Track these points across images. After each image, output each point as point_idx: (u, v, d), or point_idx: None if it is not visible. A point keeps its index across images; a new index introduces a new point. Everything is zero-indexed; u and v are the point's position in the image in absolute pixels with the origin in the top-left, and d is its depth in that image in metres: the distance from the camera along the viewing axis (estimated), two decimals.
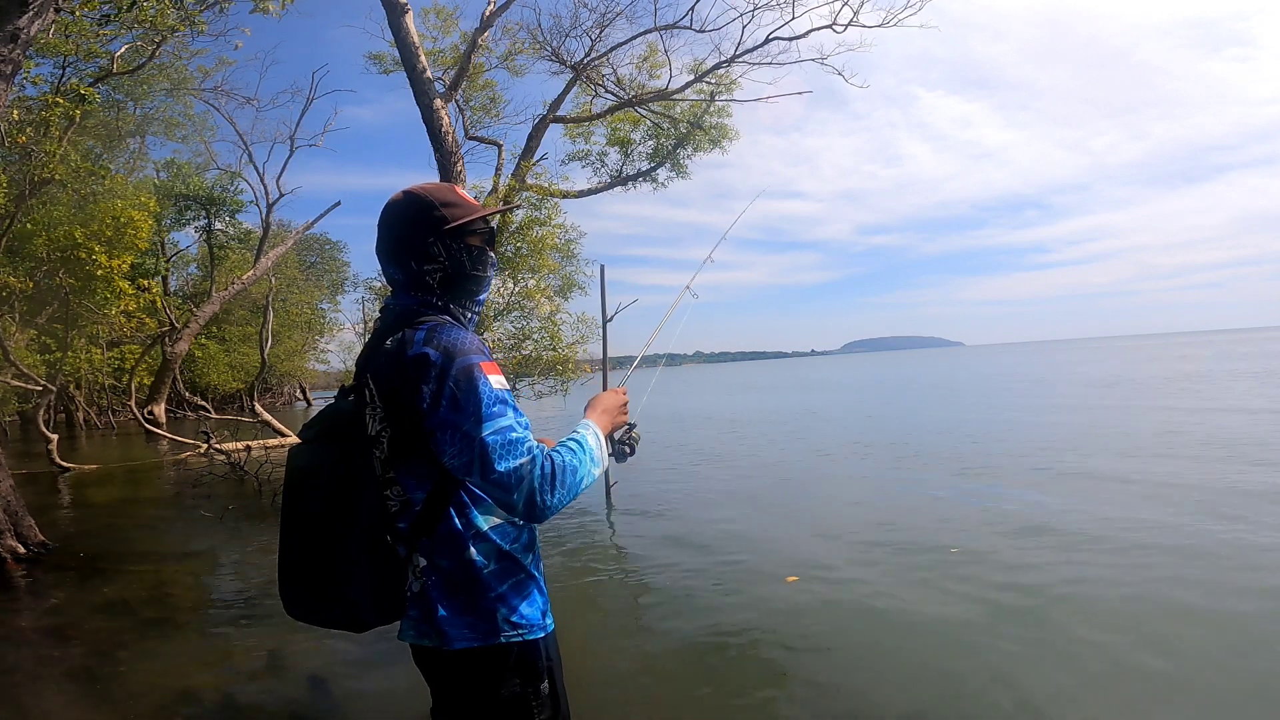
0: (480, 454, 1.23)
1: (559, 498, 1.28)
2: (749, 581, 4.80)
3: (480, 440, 1.24)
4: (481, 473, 1.24)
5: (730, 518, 6.92)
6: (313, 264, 38.04)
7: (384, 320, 1.42)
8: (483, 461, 1.23)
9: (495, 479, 1.24)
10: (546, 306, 10.98)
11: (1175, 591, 4.15)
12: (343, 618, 1.34)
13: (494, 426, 1.25)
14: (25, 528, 6.08)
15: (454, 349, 1.29)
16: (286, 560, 1.37)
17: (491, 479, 1.24)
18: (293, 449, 1.43)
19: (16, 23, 5.06)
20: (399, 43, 9.90)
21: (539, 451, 1.27)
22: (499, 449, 1.24)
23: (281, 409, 36.60)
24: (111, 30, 11.23)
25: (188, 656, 3.82)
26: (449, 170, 9.75)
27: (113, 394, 26.78)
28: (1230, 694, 2.98)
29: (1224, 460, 8.12)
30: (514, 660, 1.35)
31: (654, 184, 14.07)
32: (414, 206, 1.43)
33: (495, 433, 1.25)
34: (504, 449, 1.24)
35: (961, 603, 4.16)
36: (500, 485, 1.24)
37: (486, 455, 1.23)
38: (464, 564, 1.33)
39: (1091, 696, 3.00)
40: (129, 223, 13.33)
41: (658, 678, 3.40)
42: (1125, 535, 5.37)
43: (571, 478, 1.30)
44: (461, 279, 1.44)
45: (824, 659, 3.53)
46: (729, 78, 12.65)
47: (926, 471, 8.86)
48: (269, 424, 15.13)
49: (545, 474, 1.26)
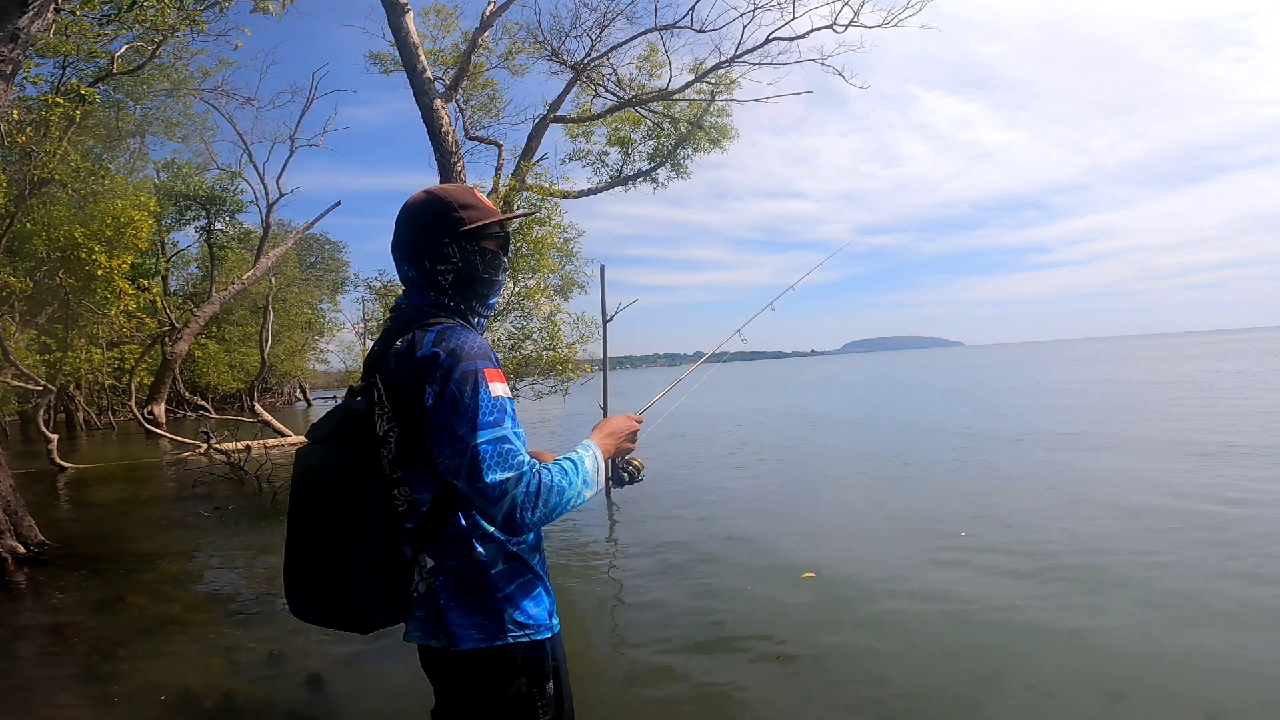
0: (471, 460, 1.24)
1: (539, 515, 1.27)
2: (760, 579, 4.79)
3: (474, 447, 1.24)
4: (469, 479, 1.24)
5: (738, 515, 6.91)
6: (313, 264, 37.99)
7: (395, 319, 1.43)
8: (472, 468, 1.24)
9: (480, 487, 1.24)
10: (546, 306, 10.97)
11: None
12: (350, 618, 1.34)
13: (489, 435, 1.25)
14: (25, 528, 6.07)
15: (461, 352, 1.29)
16: (294, 561, 1.37)
17: (477, 487, 1.24)
18: (302, 449, 1.43)
19: (16, 23, 5.05)
20: (399, 43, 9.89)
21: (528, 468, 1.27)
22: (490, 459, 1.24)
23: (281, 409, 36.60)
24: (111, 30, 11.21)
25: (188, 656, 3.82)
26: (449, 170, 9.74)
27: (113, 394, 26.76)
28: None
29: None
30: (520, 660, 1.35)
31: (654, 184, 14.09)
32: (433, 206, 1.43)
33: (489, 442, 1.25)
34: (495, 460, 1.24)
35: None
36: (483, 495, 1.24)
37: (477, 463, 1.23)
38: (471, 564, 1.33)
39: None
40: (129, 223, 13.32)
41: (663, 677, 3.39)
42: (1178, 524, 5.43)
43: (557, 498, 1.29)
44: (474, 281, 1.45)
45: (841, 656, 3.51)
46: (729, 78, 12.68)
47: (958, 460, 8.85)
48: (269, 424, 15.14)
49: (530, 492, 1.25)
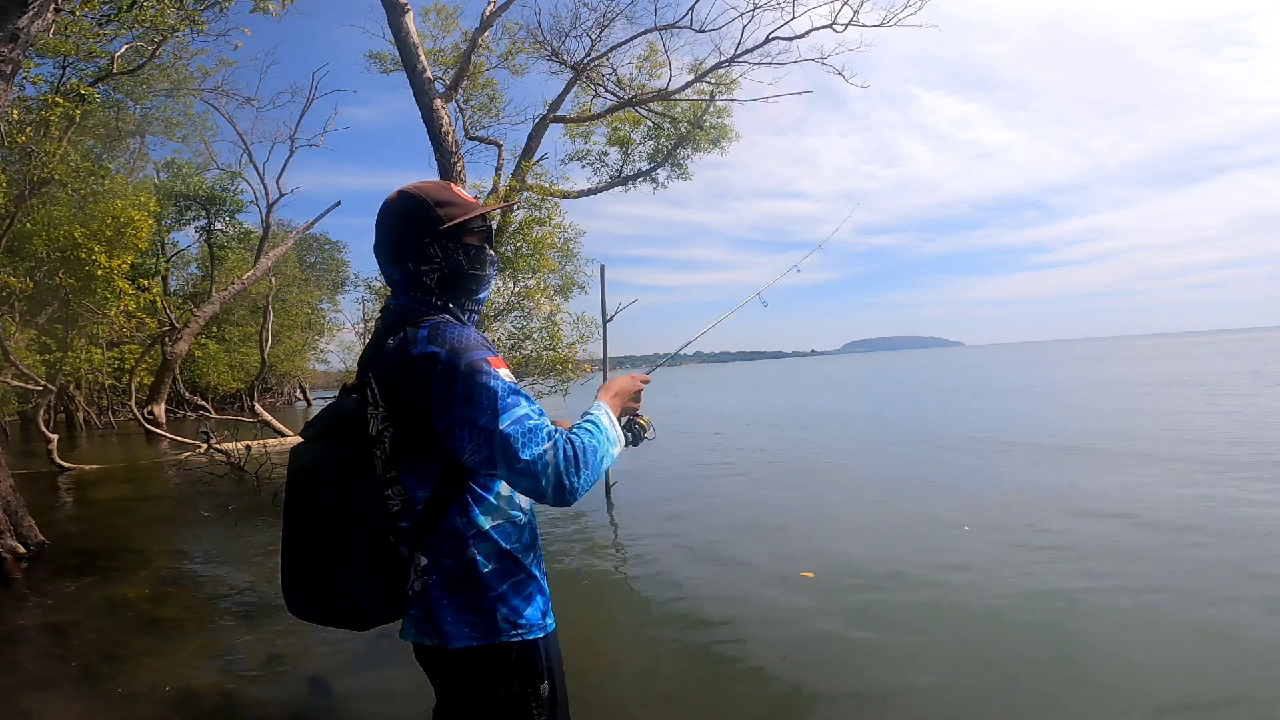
0: (502, 446, 1.23)
1: (585, 478, 1.27)
2: (759, 579, 4.79)
3: (500, 433, 1.23)
4: (506, 464, 1.23)
5: (736, 515, 6.90)
6: (313, 264, 37.99)
7: (385, 320, 1.43)
8: (505, 453, 1.23)
9: (521, 468, 1.23)
10: (546, 306, 10.98)
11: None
12: (345, 616, 1.35)
13: (511, 417, 1.24)
14: (25, 527, 6.08)
15: (460, 346, 1.29)
16: (289, 559, 1.38)
17: (517, 469, 1.23)
18: (295, 448, 1.43)
19: (16, 23, 5.06)
20: (399, 43, 9.90)
21: (559, 436, 1.27)
22: (520, 438, 1.23)
23: (281, 409, 36.56)
24: (111, 30, 11.20)
25: (188, 656, 3.82)
26: (449, 170, 9.75)
27: (113, 394, 26.75)
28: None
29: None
30: (514, 660, 1.35)
31: (654, 184, 14.08)
32: (409, 206, 1.42)
33: (514, 423, 1.24)
34: (525, 437, 1.24)
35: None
36: (527, 474, 1.23)
37: (509, 446, 1.23)
38: (465, 563, 1.33)
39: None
40: (129, 223, 13.32)
41: (662, 677, 3.39)
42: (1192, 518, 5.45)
43: (593, 458, 1.30)
44: (460, 279, 1.44)
45: (841, 656, 3.51)
46: (729, 78, 12.67)
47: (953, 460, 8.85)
48: (269, 424, 15.13)
49: (569, 457, 1.25)
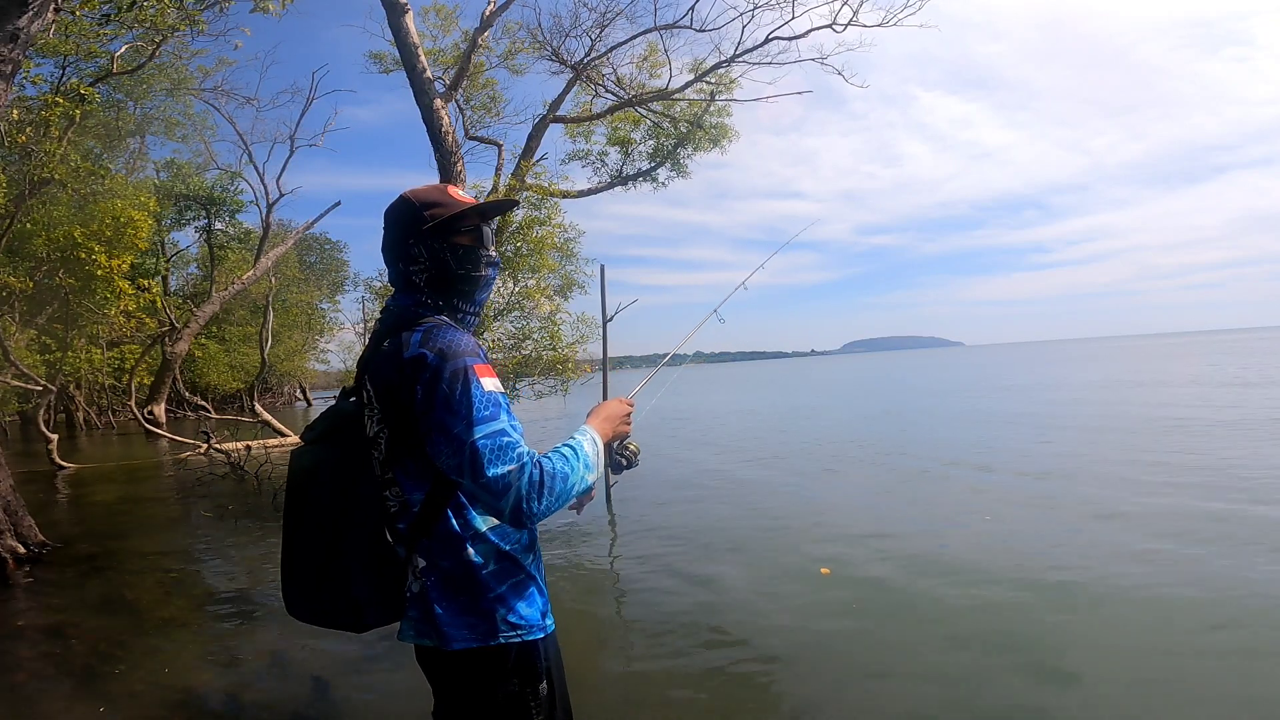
0: (471, 458, 1.24)
1: (546, 505, 1.27)
2: (763, 577, 4.79)
3: (471, 444, 1.24)
4: (471, 476, 1.25)
5: (737, 514, 6.91)
6: (313, 264, 37.98)
7: (383, 322, 1.44)
8: (473, 465, 1.24)
9: (484, 483, 1.25)
10: (546, 306, 10.97)
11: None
12: (344, 618, 1.35)
13: (485, 430, 1.25)
14: (25, 527, 6.08)
15: (449, 351, 1.30)
16: (289, 559, 1.39)
17: (480, 483, 1.25)
18: (295, 450, 1.44)
19: (16, 23, 5.06)
20: (399, 42, 9.88)
21: (529, 458, 1.28)
22: (489, 453, 1.24)
23: (281, 409, 36.58)
24: (111, 30, 11.20)
25: (188, 656, 3.82)
26: (449, 170, 9.74)
27: (113, 394, 26.76)
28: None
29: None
30: (513, 661, 1.36)
31: (654, 184, 14.07)
32: (400, 209, 1.46)
33: (486, 437, 1.25)
34: (494, 454, 1.25)
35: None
36: (488, 490, 1.25)
37: (477, 459, 1.24)
38: (463, 564, 1.34)
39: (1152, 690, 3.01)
40: (129, 223, 13.32)
41: (663, 677, 3.38)
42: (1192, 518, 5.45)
43: (561, 485, 1.30)
44: (449, 279, 1.44)
45: (848, 655, 3.51)
46: (729, 77, 12.66)
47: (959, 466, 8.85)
48: (269, 424, 15.14)
49: (534, 481, 1.26)
